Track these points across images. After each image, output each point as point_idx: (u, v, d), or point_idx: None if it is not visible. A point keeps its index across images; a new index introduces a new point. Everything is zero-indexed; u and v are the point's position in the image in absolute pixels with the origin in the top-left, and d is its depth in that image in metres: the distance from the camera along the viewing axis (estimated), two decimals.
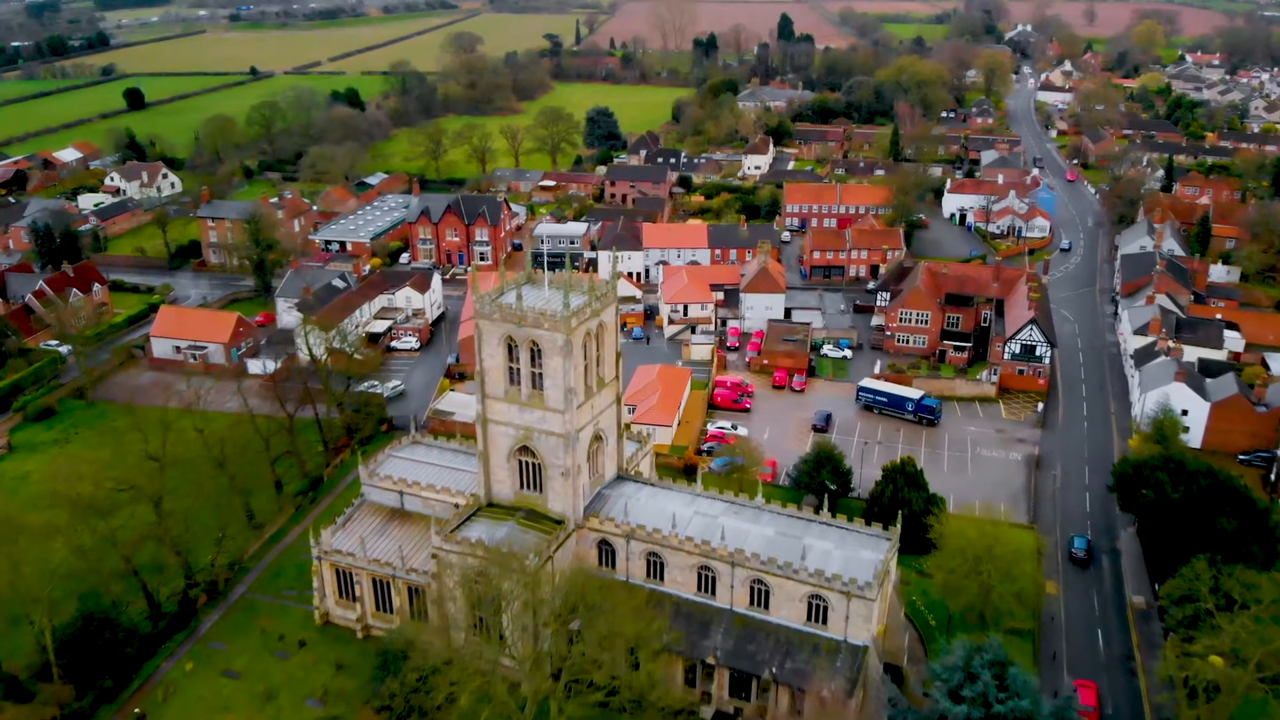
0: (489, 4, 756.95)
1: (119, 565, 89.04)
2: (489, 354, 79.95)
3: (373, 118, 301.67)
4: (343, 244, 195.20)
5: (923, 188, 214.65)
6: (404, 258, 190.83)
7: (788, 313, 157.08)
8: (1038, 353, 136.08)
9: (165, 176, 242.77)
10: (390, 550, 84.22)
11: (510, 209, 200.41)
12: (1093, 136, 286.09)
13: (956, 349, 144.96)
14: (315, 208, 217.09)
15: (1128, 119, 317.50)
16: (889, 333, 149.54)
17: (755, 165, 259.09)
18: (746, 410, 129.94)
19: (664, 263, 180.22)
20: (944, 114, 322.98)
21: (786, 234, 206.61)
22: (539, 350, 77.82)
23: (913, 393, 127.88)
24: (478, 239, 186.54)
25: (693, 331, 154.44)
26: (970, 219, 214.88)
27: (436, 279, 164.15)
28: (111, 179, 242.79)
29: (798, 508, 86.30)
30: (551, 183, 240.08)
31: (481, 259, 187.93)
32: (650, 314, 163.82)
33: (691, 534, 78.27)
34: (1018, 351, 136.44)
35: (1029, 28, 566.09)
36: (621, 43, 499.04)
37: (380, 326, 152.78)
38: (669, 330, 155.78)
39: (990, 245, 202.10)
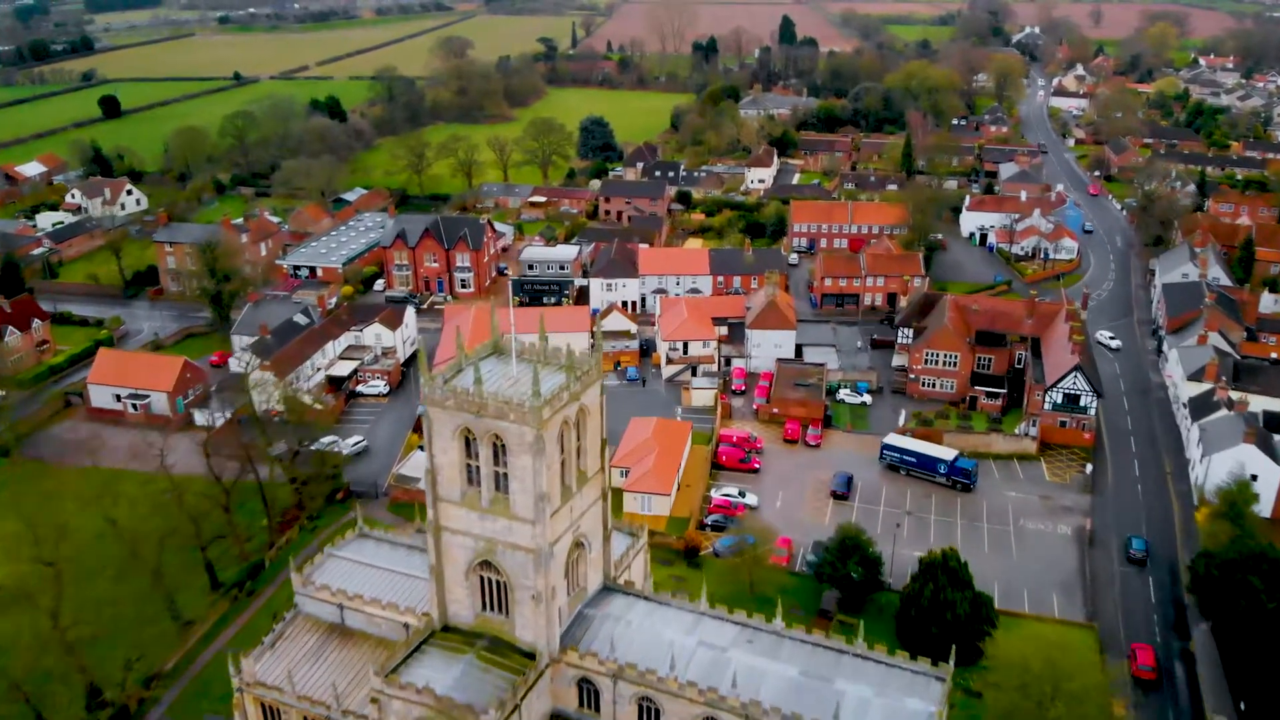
0: (484, 6, 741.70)
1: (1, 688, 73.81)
2: (441, 448, 64.49)
3: (355, 127, 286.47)
4: (313, 269, 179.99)
5: (941, 205, 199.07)
6: (379, 284, 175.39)
7: (799, 350, 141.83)
8: (1082, 403, 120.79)
9: (130, 193, 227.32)
10: (324, 684, 68.84)
11: (495, 230, 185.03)
12: (1115, 147, 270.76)
13: (989, 395, 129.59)
14: (286, 227, 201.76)
15: (1149, 127, 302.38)
16: (913, 375, 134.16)
17: (759, 179, 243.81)
18: (755, 470, 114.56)
19: (662, 291, 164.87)
20: (955, 121, 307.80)
21: (794, 256, 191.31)
22: (503, 446, 62.41)
23: (945, 453, 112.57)
24: (459, 264, 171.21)
25: (694, 373, 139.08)
26: (992, 239, 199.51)
27: (410, 313, 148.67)
28: (73, 196, 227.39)
29: (825, 631, 70.96)
30: (542, 198, 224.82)
31: (463, 286, 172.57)
32: (646, 349, 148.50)
33: (694, 676, 62.83)
34: (1060, 401, 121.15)
35: (1037, 29, 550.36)
36: (619, 46, 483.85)
37: (345, 369, 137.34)
38: (667, 370, 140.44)
39: (1015, 269, 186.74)
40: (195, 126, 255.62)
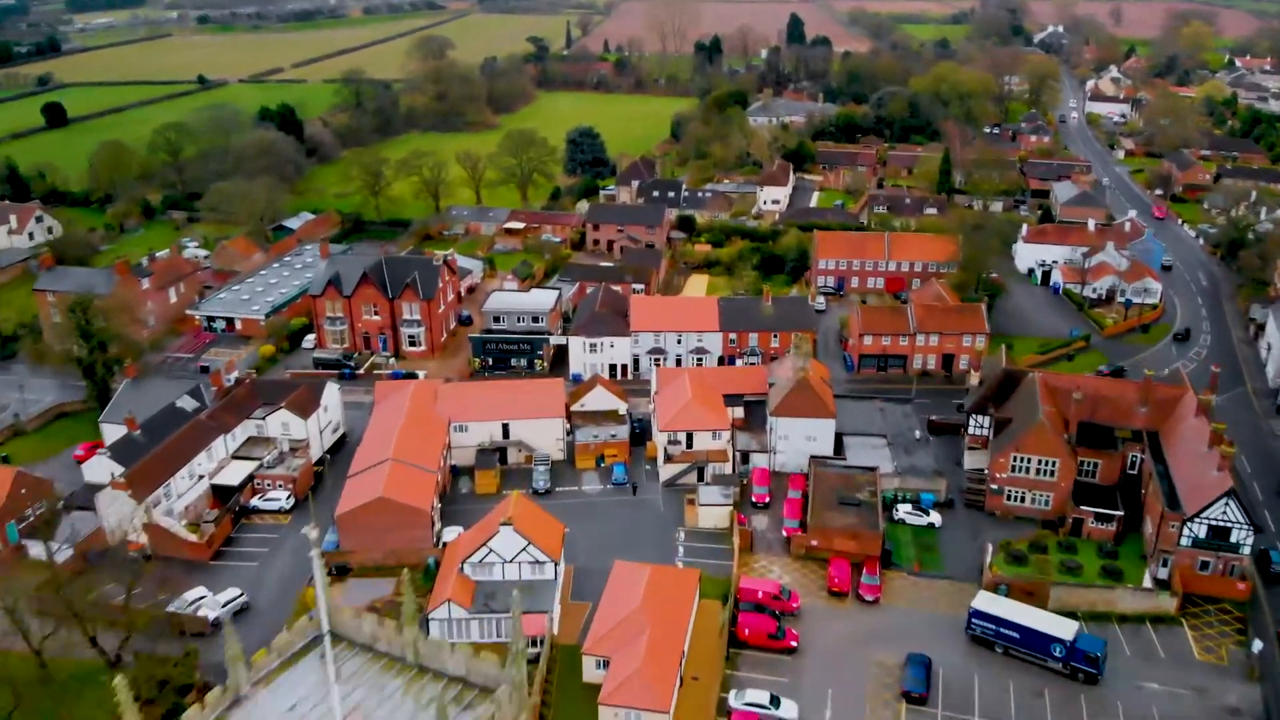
0: (477, 5, 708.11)
1: None
2: None
3: (316, 138, 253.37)
4: (230, 321, 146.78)
5: (1000, 236, 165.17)
6: (309, 340, 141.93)
7: (838, 441, 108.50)
8: (1234, 539, 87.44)
9: (40, 220, 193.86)
10: None
11: (453, 271, 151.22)
12: (1179, 162, 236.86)
13: (1100, 517, 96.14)
14: (209, 265, 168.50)
15: (1208, 138, 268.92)
16: (995, 486, 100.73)
17: (772, 199, 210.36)
18: (792, 650, 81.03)
19: (659, 354, 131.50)
20: (987, 130, 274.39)
21: (820, 300, 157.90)
22: None
23: (1061, 626, 79.11)
24: (406, 317, 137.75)
25: (700, 476, 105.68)
26: (1056, 279, 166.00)
27: (331, 391, 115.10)
28: None
29: None
30: (519, 224, 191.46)
31: (412, 344, 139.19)
32: (640, 432, 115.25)
33: None
34: (1203, 537, 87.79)
35: (1060, 29, 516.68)
36: (616, 45, 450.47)
37: (238, 474, 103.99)
38: (665, 470, 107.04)
39: (1089, 318, 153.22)
40: (121, 141, 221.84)
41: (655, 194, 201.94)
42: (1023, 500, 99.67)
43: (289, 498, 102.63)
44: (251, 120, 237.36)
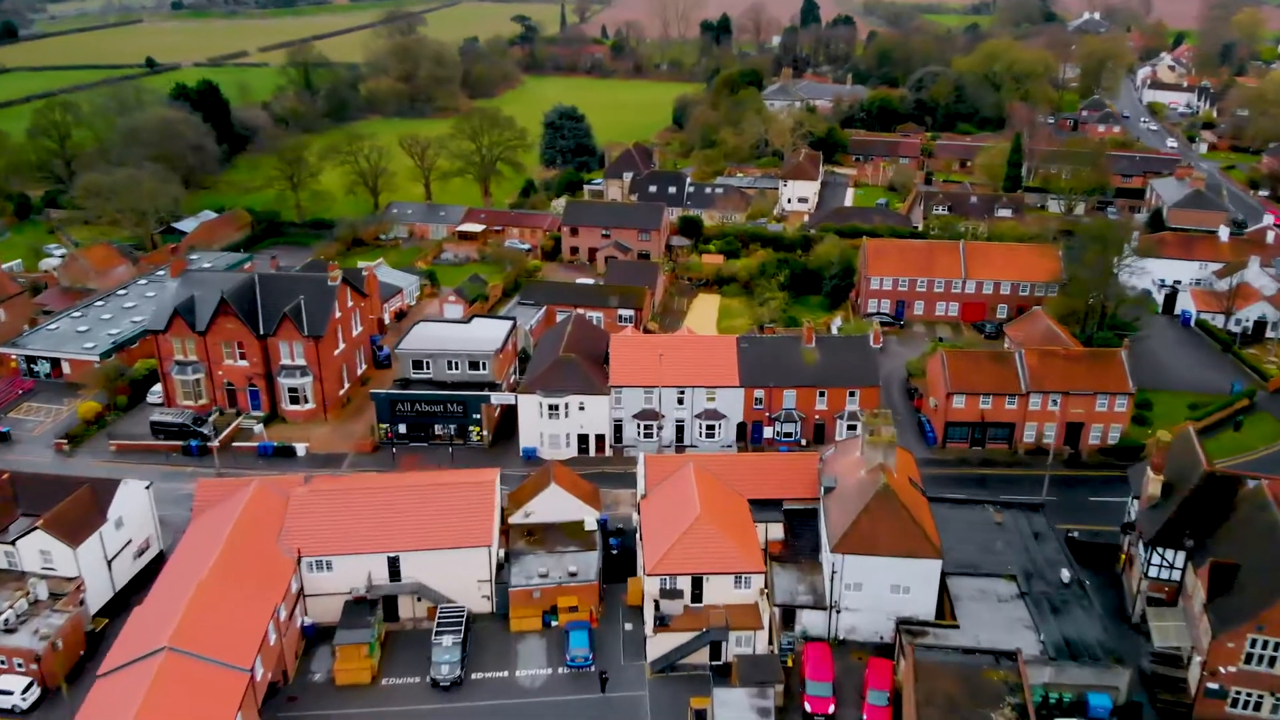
0: None
1: None
2: None
3: (252, 124, 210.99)
4: (56, 363, 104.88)
5: (1116, 248, 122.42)
6: (155, 392, 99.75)
7: (943, 588, 65.98)
8: None
9: None
10: None
11: (359, 292, 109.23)
12: None
13: None
14: (59, 283, 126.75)
15: None
16: (1216, 685, 58.36)
17: (799, 197, 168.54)
18: None
19: (650, 418, 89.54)
20: (1039, 120, 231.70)
21: (874, 331, 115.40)
22: None
23: None
24: (287, 361, 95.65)
25: (715, 656, 63.41)
26: (1187, 306, 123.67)
27: (131, 495, 72.61)
28: None
29: None
30: (476, 226, 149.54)
31: (295, 400, 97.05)
32: (618, 551, 73.66)
33: None
34: None
35: (1096, 15, 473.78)
36: (615, 31, 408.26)
37: None
38: (656, 645, 64.45)
39: (1243, 362, 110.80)
40: None
41: (653, 189, 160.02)
42: (1258, 706, 57.46)
43: (29, 688, 60.57)
44: (160, 100, 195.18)
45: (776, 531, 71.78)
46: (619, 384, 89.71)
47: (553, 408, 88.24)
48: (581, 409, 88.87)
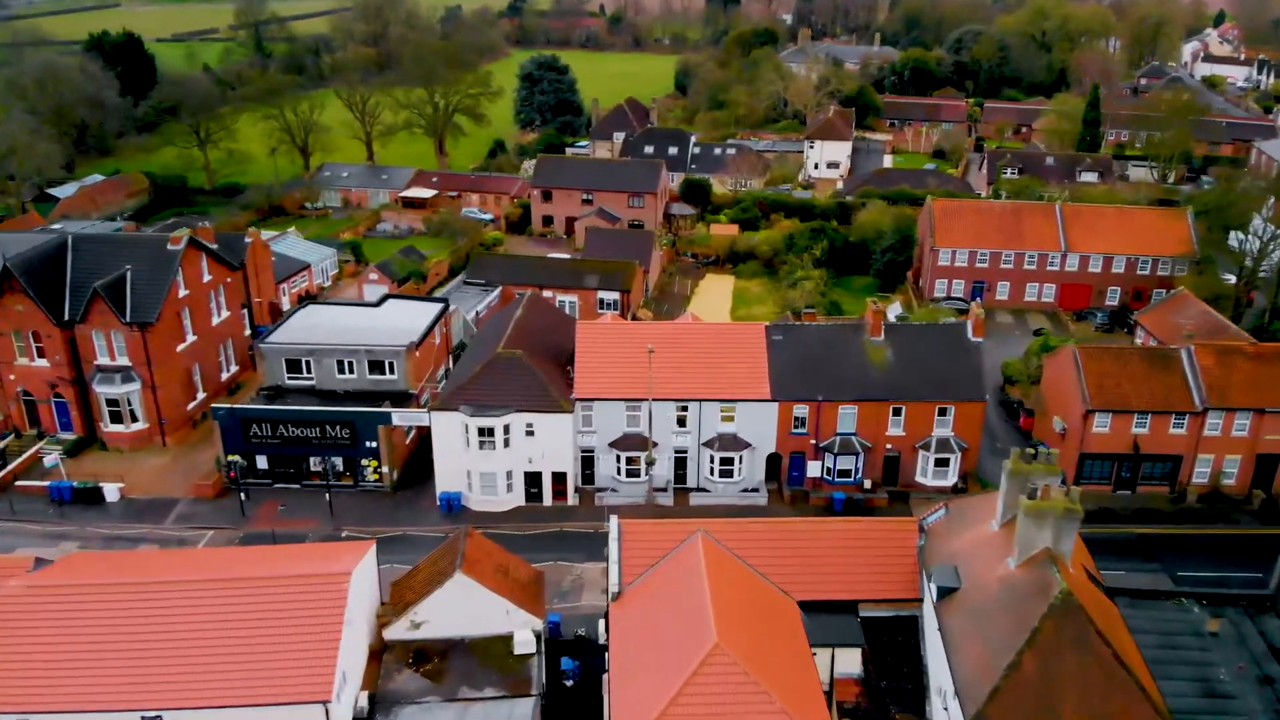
0: None
1: None
2: None
3: (189, 88, 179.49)
4: None
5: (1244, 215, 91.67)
6: None
7: None
8: None
9: None
10: None
11: (223, 263, 78.22)
12: None
13: None
14: None
15: None
16: None
17: (829, 161, 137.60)
18: None
19: (635, 448, 58.54)
20: (1117, 74, 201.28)
21: (974, 315, 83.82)
22: None
23: None
24: (104, 360, 64.56)
25: None
26: None
27: None
28: None
29: None
30: (426, 192, 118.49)
31: (116, 418, 65.77)
32: (576, 668, 43.21)
33: None
34: None
35: None
36: (615, 4, 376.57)
37: None
38: None
39: None
40: None
41: (649, 151, 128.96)
42: None
43: None
44: (69, 53, 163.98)
45: (850, 662, 40.71)
46: (588, 395, 58.69)
47: (485, 432, 57.10)
48: (530, 434, 57.78)
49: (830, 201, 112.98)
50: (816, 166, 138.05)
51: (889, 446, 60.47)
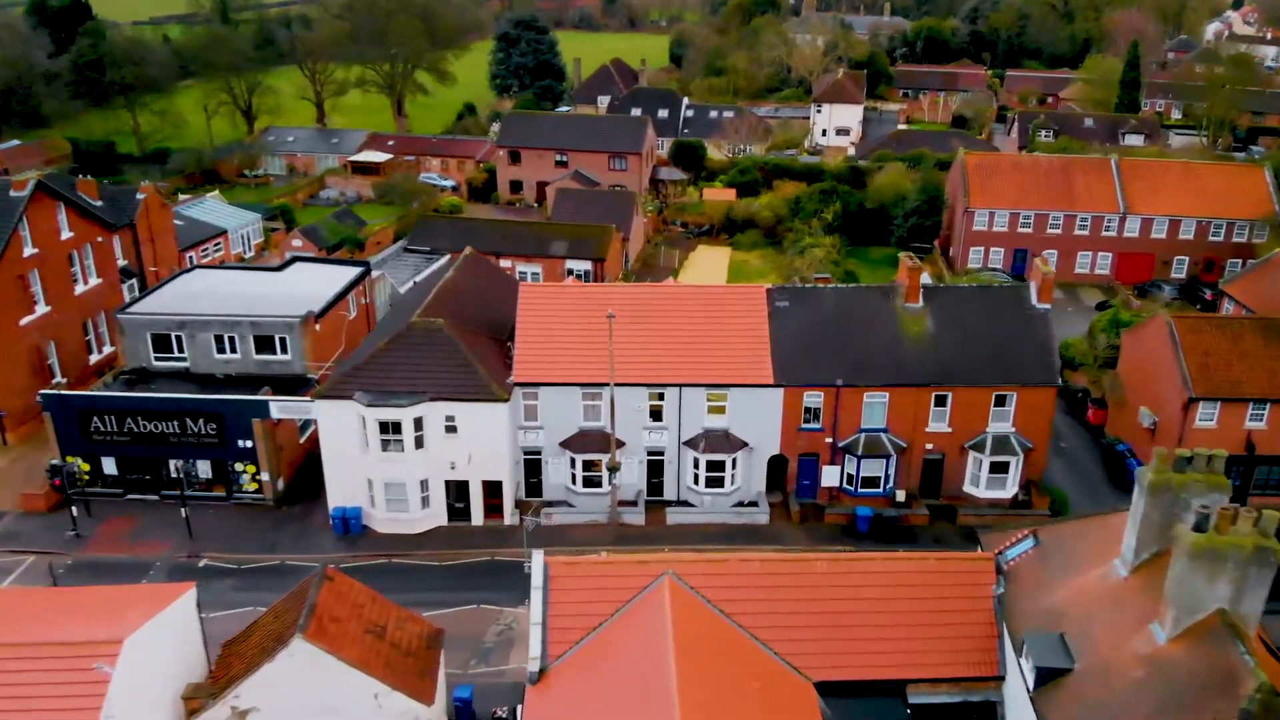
0: None
1: None
2: None
3: (145, 58, 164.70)
4: None
5: None
6: None
7: None
8: None
9: None
10: None
11: (91, 220, 63.62)
12: None
13: None
14: None
15: None
16: None
17: (839, 127, 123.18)
18: None
19: (597, 448, 43.97)
20: (1156, 34, 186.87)
21: (1039, 274, 69.18)
22: None
23: None
24: None
25: None
26: None
27: None
28: None
29: None
30: (380, 155, 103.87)
31: None
32: None
33: None
34: None
35: None
36: None
37: None
38: None
39: None
40: None
41: (637, 114, 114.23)
42: None
43: None
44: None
45: None
46: (531, 379, 44.13)
47: (389, 428, 42.48)
48: (452, 430, 43.18)
49: (842, 165, 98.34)
50: (825, 133, 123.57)
51: (929, 447, 45.94)
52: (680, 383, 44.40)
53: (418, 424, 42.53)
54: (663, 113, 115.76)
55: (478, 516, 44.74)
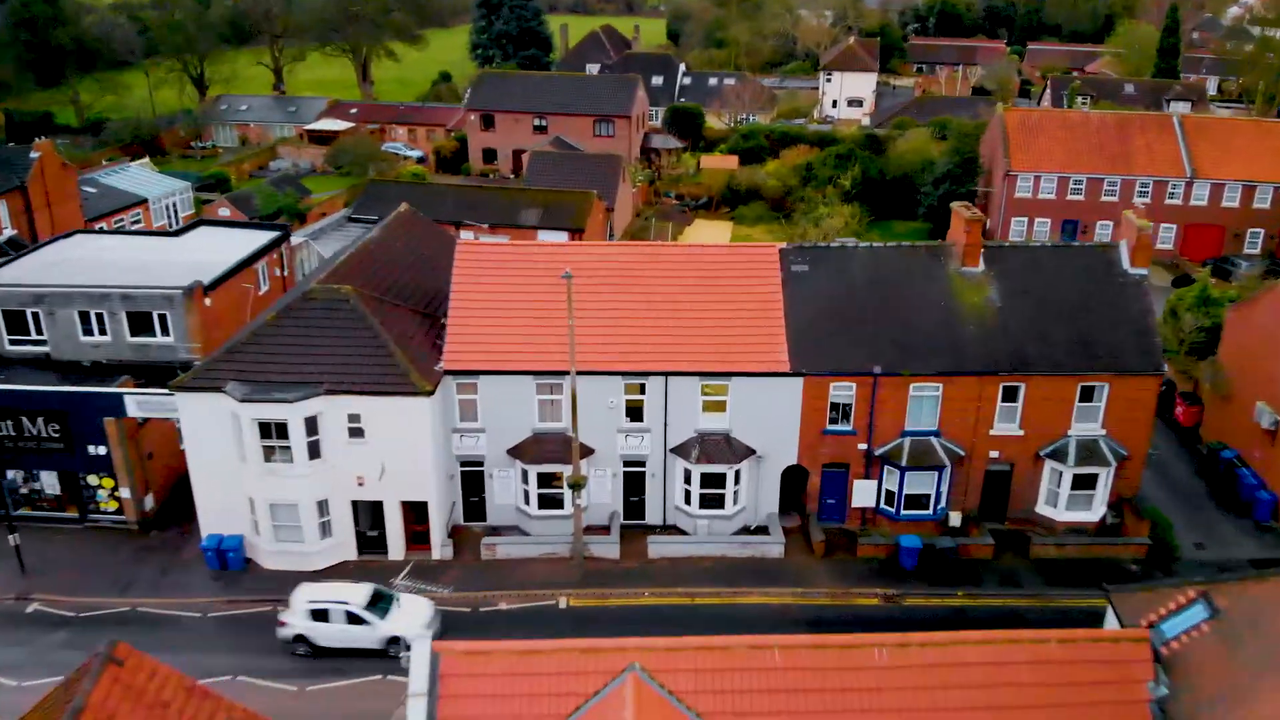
0: None
1: None
2: None
3: (104, 35, 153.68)
4: None
5: None
6: None
7: None
8: None
9: None
10: None
11: None
12: None
13: None
14: None
15: None
16: None
17: (852, 98, 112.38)
18: None
19: (554, 457, 32.97)
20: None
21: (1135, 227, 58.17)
22: None
23: None
24: None
25: None
26: None
27: None
28: None
29: None
30: (340, 124, 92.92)
31: None
32: None
33: None
34: None
35: None
36: None
37: None
38: None
39: None
40: None
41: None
42: None
43: None
44: None
45: None
46: (466, 365, 33.27)
47: (271, 430, 31.57)
48: (357, 433, 32.24)
49: (857, 133, 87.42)
50: (835, 104, 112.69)
51: (994, 454, 35.09)
52: (667, 370, 33.55)
53: (311, 425, 31.69)
54: (657, 80, 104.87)
55: (397, 549, 33.89)
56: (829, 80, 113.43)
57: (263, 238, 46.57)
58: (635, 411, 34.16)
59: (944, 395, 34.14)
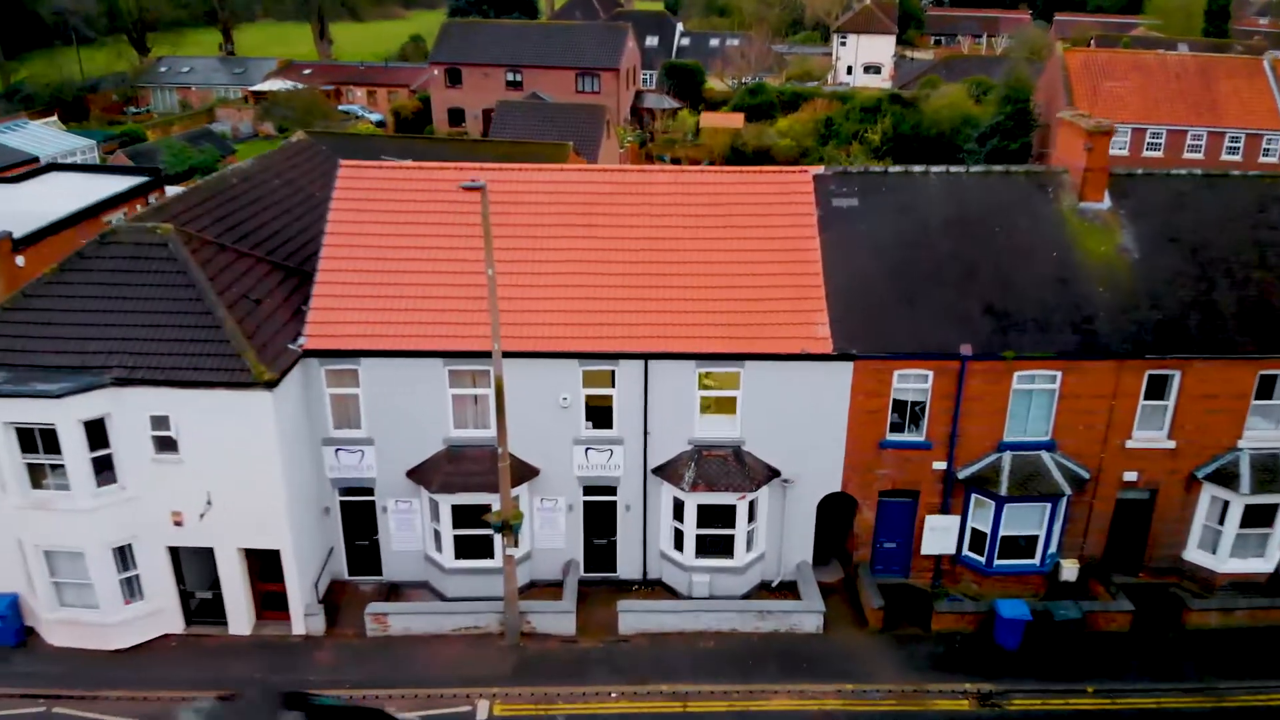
0: None
1: None
2: None
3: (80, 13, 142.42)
4: None
5: None
6: None
7: None
8: None
9: None
10: None
11: None
12: None
13: None
14: None
15: None
16: None
17: (869, 63, 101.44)
18: None
19: (481, 485, 21.67)
20: None
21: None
22: None
23: None
24: None
25: None
26: None
27: None
28: None
29: None
30: (287, 84, 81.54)
31: None
32: None
33: None
34: None
35: None
36: None
37: None
38: None
39: None
40: None
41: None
42: None
43: None
44: None
45: None
46: (337, 343, 22.04)
47: (35, 442, 20.38)
48: (169, 447, 21.04)
49: (881, 93, 76.20)
50: (850, 70, 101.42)
51: (1131, 476, 23.83)
52: (648, 351, 22.30)
53: (95, 433, 20.46)
54: (652, 40, 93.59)
55: (240, 619, 22.59)
56: (843, 44, 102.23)
57: (122, 183, 35.39)
58: (600, 413, 22.93)
59: (1062, 389, 22.90)
